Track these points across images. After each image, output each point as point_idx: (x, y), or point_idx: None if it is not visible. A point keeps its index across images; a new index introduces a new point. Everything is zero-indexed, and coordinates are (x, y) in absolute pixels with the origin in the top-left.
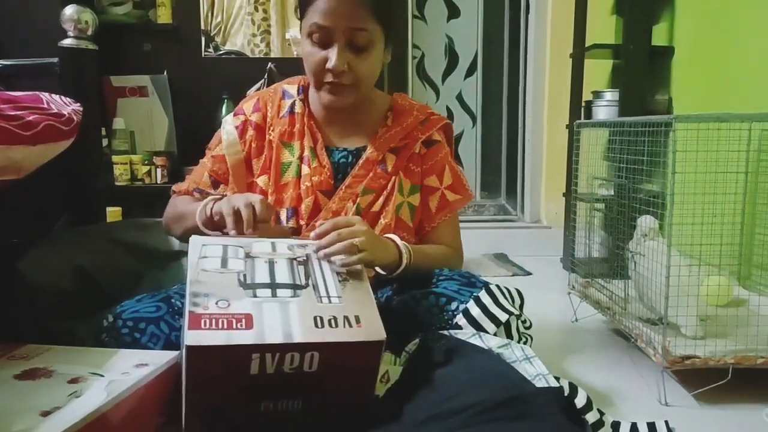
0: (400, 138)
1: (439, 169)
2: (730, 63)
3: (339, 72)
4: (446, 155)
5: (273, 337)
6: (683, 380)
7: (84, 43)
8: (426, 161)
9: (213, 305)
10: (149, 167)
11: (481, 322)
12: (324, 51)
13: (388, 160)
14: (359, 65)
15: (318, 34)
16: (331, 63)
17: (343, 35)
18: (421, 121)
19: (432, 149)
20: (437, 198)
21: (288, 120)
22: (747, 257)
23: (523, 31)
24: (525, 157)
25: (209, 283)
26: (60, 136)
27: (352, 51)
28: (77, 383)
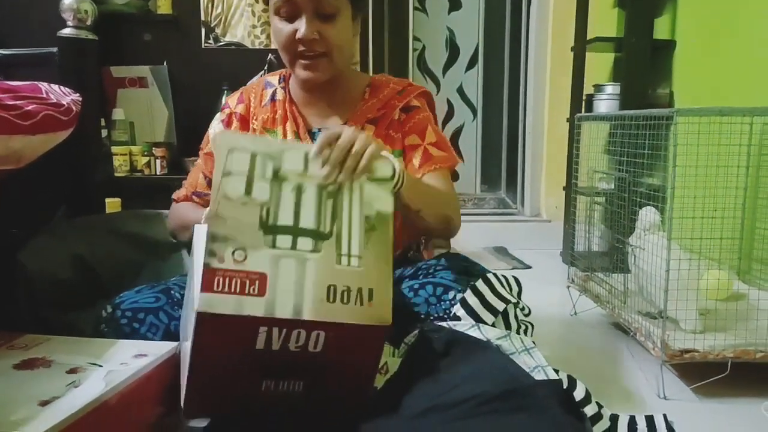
0: (378, 108)
1: (420, 129)
2: (732, 57)
3: (309, 40)
4: (428, 117)
5: (283, 311)
6: (682, 374)
7: (83, 33)
8: (405, 125)
9: (229, 256)
10: (149, 158)
11: (479, 312)
12: (292, 24)
13: (366, 130)
14: (328, 32)
15: (285, 8)
16: (300, 32)
17: (309, 5)
18: (399, 91)
19: (411, 113)
20: (420, 153)
21: (270, 107)
22: (747, 252)
23: (524, 24)
24: (525, 151)
25: (230, 219)
26: (59, 126)
27: (320, 20)
28: (76, 373)
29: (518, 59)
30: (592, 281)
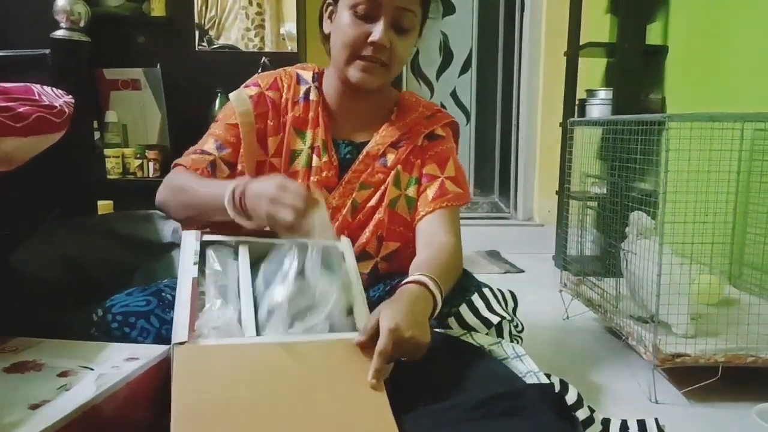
0: (403, 132)
1: (441, 159)
2: (724, 63)
3: (381, 47)
4: (452, 148)
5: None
6: (673, 378)
7: (76, 35)
8: (426, 152)
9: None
10: (141, 161)
11: (473, 325)
12: (366, 25)
13: (388, 154)
14: (399, 46)
15: (365, 7)
16: (376, 36)
17: (390, 13)
18: (427, 116)
19: (435, 142)
20: (437, 185)
21: (303, 106)
22: (738, 256)
23: (517, 29)
24: (518, 155)
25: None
26: (52, 128)
27: (395, 31)
28: (67, 376)
29: (511, 64)
30: (584, 285)
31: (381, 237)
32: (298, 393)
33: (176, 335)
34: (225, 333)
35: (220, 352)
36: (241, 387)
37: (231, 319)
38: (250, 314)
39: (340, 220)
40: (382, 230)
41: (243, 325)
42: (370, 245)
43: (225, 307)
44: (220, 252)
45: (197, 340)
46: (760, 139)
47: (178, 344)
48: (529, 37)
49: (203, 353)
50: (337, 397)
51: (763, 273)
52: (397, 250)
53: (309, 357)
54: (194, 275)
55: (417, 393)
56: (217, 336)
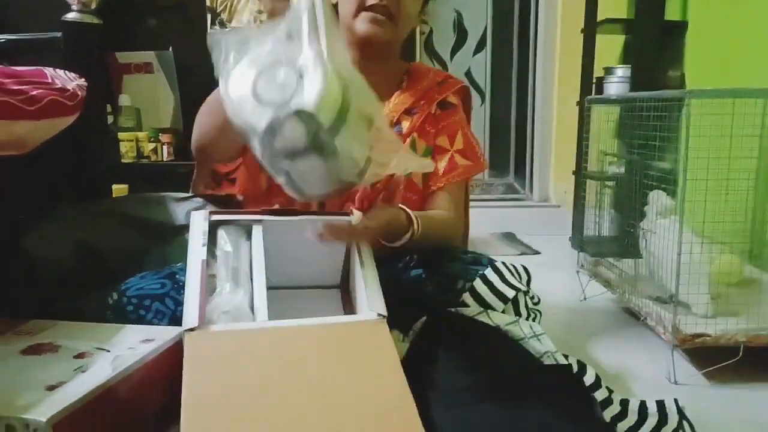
0: (416, 99)
1: (451, 132)
2: (745, 38)
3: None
4: (461, 119)
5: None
6: (693, 359)
7: (88, 18)
8: (439, 122)
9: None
10: (155, 144)
11: (489, 300)
12: None
13: (403, 121)
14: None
15: None
16: None
17: None
18: (438, 83)
19: (447, 111)
20: (446, 159)
21: None
22: (758, 235)
23: (533, 6)
24: (534, 135)
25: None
26: (64, 111)
27: None
28: (83, 358)
29: (527, 42)
30: (602, 266)
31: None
32: (311, 377)
33: (186, 321)
34: (236, 318)
35: (231, 338)
36: (252, 373)
37: (242, 303)
38: (263, 298)
39: (360, 191)
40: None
41: (255, 309)
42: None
43: (236, 291)
44: (231, 232)
45: (207, 326)
46: None
47: (188, 330)
48: (545, 14)
49: (213, 339)
50: (352, 381)
51: None
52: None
53: (322, 340)
54: (203, 257)
55: (433, 376)
56: (228, 321)
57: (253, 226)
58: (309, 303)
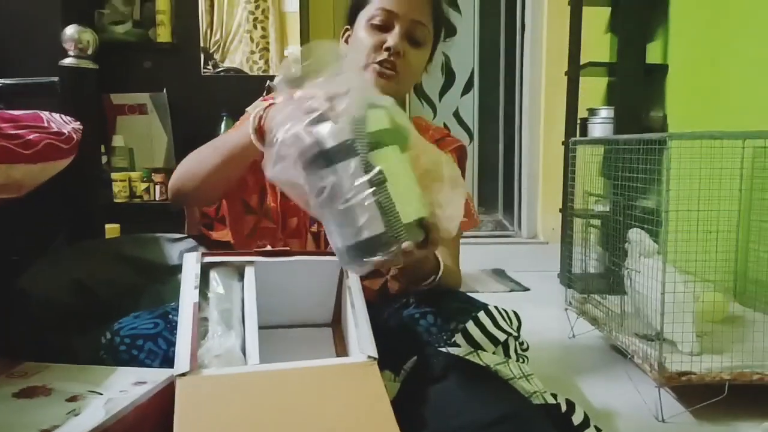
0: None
1: None
2: (724, 80)
3: (395, 52)
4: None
5: None
6: (680, 396)
7: (84, 63)
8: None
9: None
10: (148, 184)
11: (480, 342)
12: (382, 34)
13: None
14: (410, 55)
15: (381, 18)
16: (391, 42)
17: (405, 24)
18: (437, 140)
19: None
20: None
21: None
22: (742, 273)
23: (518, 49)
24: (522, 174)
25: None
26: (60, 154)
27: (408, 42)
28: (76, 401)
29: (513, 84)
30: (589, 303)
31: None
32: (302, 421)
33: (177, 366)
34: (227, 361)
35: (222, 382)
36: (243, 417)
37: (233, 347)
38: (254, 340)
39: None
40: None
41: (247, 352)
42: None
43: (227, 334)
44: (223, 274)
45: (199, 370)
46: (761, 156)
47: (180, 375)
48: (530, 57)
49: (205, 384)
50: (343, 423)
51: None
52: (407, 268)
53: (313, 383)
54: (195, 300)
55: (424, 415)
56: (219, 365)
57: (246, 268)
58: (301, 342)
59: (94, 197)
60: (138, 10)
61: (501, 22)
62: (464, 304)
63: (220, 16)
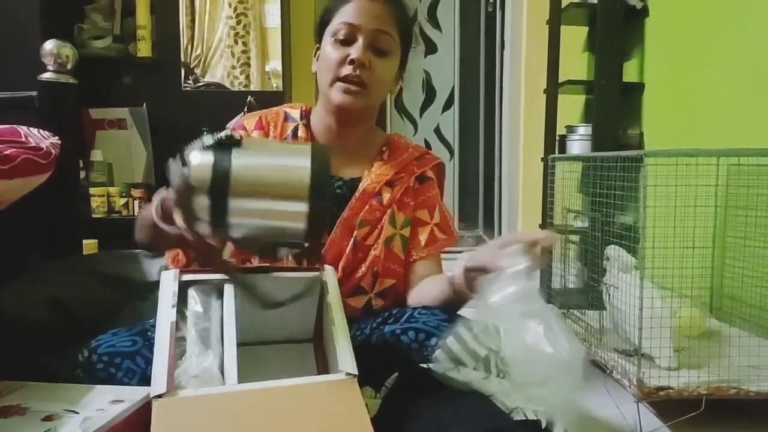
0: (396, 171)
1: (430, 206)
2: (700, 99)
3: (360, 64)
4: (437, 194)
5: None
6: (659, 411)
7: (63, 77)
8: (418, 195)
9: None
10: (127, 199)
11: (461, 357)
12: (347, 48)
13: (383, 192)
14: (377, 65)
15: (344, 32)
16: (354, 54)
17: (368, 35)
18: (416, 158)
19: (424, 185)
20: (427, 232)
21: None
22: (718, 288)
23: (498, 67)
24: (502, 189)
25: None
26: (38, 169)
27: (373, 52)
28: (52, 420)
29: (493, 101)
30: (568, 319)
31: (377, 273)
32: None
33: (154, 387)
34: (205, 381)
35: (199, 403)
36: None
37: (211, 366)
38: (233, 359)
39: (344, 259)
40: (378, 266)
41: (225, 372)
42: (365, 280)
43: (205, 354)
44: (202, 292)
45: (176, 391)
46: (735, 173)
47: (157, 397)
48: (509, 74)
49: (182, 405)
50: None
51: (744, 304)
52: (392, 287)
53: (292, 402)
54: (172, 319)
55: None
56: (197, 385)
57: (225, 285)
58: (281, 359)
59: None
60: (118, 25)
61: (481, 40)
62: (445, 320)
63: (201, 31)
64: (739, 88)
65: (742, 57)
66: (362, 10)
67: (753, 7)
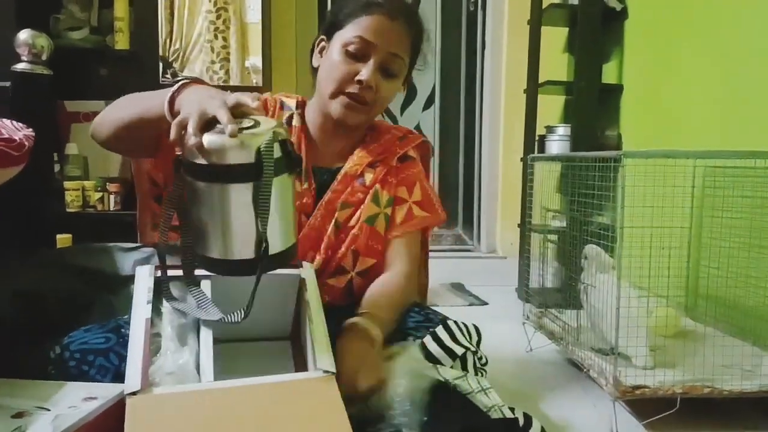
0: (378, 152)
1: (409, 183)
2: (676, 101)
3: (367, 86)
4: (419, 172)
5: None
6: (635, 410)
7: (38, 68)
8: (399, 174)
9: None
10: (102, 194)
11: (438, 356)
12: (356, 64)
13: (366, 173)
14: (383, 89)
15: (357, 47)
16: (363, 75)
17: (381, 55)
18: (399, 138)
19: (405, 164)
20: (404, 209)
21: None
22: (693, 289)
23: (479, 67)
24: (481, 189)
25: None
26: (10, 161)
27: (382, 73)
28: (22, 417)
29: (473, 100)
30: (546, 318)
31: (356, 252)
32: None
33: (128, 384)
34: (180, 379)
35: (174, 400)
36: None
37: (187, 363)
38: (209, 356)
39: (325, 240)
40: (357, 246)
41: (201, 369)
42: (346, 260)
43: (181, 351)
44: (178, 287)
45: (150, 388)
46: (711, 175)
47: (131, 394)
48: (490, 74)
49: (156, 402)
50: None
51: (718, 305)
52: (373, 266)
53: (269, 400)
54: (147, 316)
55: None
56: (172, 382)
57: (202, 282)
58: (258, 357)
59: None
60: (96, 17)
61: (462, 39)
62: (423, 319)
63: (180, 25)
64: (716, 91)
65: (718, 60)
66: (380, 30)
67: (729, 10)
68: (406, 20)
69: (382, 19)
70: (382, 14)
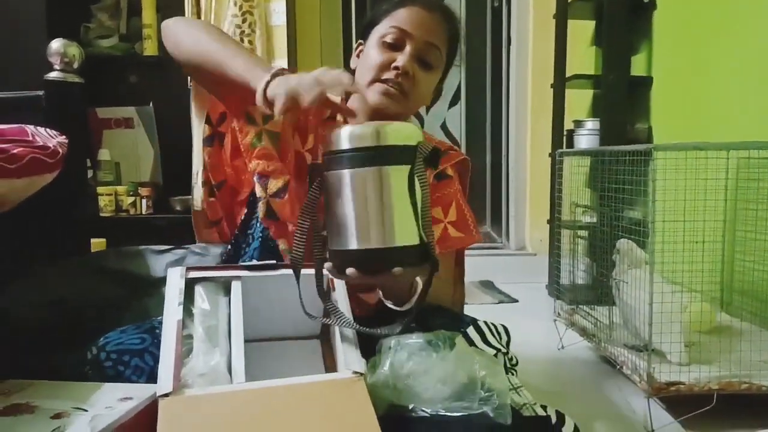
0: None
1: (445, 203)
2: (707, 92)
3: (404, 72)
4: (456, 192)
5: None
6: (669, 406)
7: (70, 77)
8: (434, 192)
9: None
10: (134, 198)
11: None
12: (393, 53)
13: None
14: (421, 79)
15: (394, 36)
16: (400, 62)
17: (417, 44)
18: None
19: (442, 182)
20: (439, 230)
21: (325, 124)
22: (728, 283)
23: (505, 62)
24: (509, 185)
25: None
26: (45, 168)
27: (419, 64)
28: (60, 418)
29: (499, 96)
30: (577, 314)
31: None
32: None
33: (160, 387)
34: (212, 380)
35: (206, 402)
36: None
37: (218, 365)
38: (240, 357)
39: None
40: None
41: (233, 370)
42: None
43: (212, 352)
44: (209, 289)
45: (182, 390)
46: (745, 167)
47: (163, 396)
48: (516, 70)
49: (188, 404)
50: None
51: (754, 299)
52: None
53: (299, 400)
54: (179, 317)
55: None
56: (204, 384)
57: (232, 283)
58: (289, 356)
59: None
60: (124, 24)
61: (487, 35)
62: (452, 321)
63: None
64: (749, 81)
65: (751, 49)
66: (417, 19)
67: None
68: (442, 14)
69: (418, 9)
70: (418, 6)
